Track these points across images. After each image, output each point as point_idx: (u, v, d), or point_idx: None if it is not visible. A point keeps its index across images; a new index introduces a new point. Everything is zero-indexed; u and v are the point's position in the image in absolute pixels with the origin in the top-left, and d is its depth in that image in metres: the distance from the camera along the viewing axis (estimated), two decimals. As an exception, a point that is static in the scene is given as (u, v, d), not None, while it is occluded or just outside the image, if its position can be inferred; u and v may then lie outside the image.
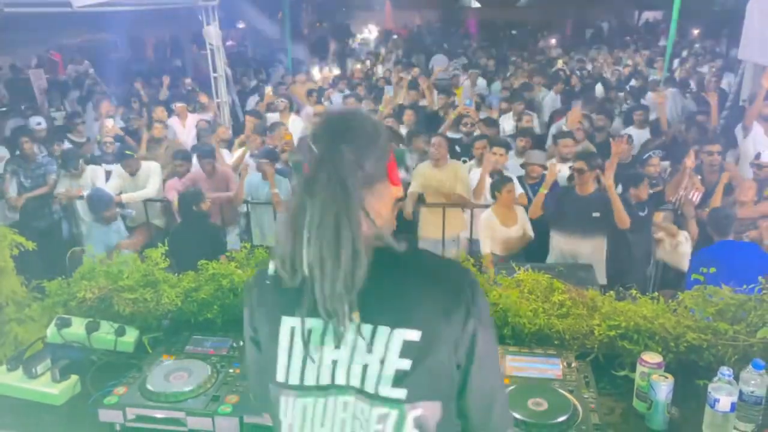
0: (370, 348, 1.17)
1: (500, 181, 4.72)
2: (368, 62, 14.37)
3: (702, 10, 15.85)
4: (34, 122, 7.19)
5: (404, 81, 9.06)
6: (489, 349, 1.26)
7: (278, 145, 6.23)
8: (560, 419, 1.82)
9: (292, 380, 1.22)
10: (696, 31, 16.98)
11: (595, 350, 2.22)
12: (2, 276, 2.51)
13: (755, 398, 1.84)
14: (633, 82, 10.56)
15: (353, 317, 1.15)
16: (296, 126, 7.42)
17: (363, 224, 1.14)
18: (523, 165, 5.41)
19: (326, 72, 12.97)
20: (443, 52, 14.83)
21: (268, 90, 9.71)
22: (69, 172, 5.88)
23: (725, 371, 1.82)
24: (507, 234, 4.66)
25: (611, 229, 4.40)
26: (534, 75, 10.47)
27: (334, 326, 1.16)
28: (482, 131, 6.44)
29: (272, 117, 7.83)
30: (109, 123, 7.37)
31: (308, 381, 1.21)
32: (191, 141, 7.29)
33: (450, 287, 1.22)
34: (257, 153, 5.84)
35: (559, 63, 12.52)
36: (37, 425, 2.07)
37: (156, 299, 2.43)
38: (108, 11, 7.66)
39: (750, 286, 2.17)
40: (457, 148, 6.16)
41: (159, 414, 1.97)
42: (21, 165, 5.99)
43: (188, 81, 10.93)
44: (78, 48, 14.90)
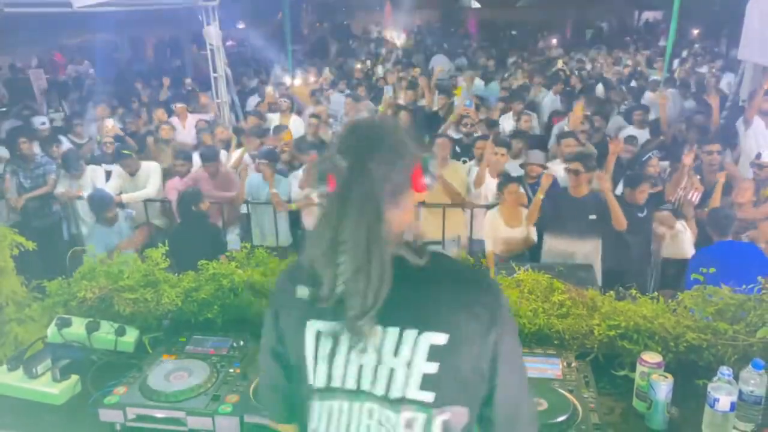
0: (397, 352, 1.17)
1: (504, 182, 4.72)
2: (368, 62, 14.37)
3: (702, 11, 15.83)
4: (38, 122, 7.18)
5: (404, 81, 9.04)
6: (514, 350, 1.26)
7: (278, 146, 6.23)
8: (560, 419, 1.82)
9: (318, 383, 1.22)
10: (696, 32, 16.99)
11: (595, 350, 2.22)
12: (2, 276, 2.51)
13: (755, 398, 1.85)
14: (633, 83, 10.56)
15: (377, 325, 1.15)
16: (297, 126, 7.42)
17: (388, 236, 1.15)
18: (523, 165, 5.41)
19: (326, 72, 12.96)
20: (443, 53, 14.83)
21: (269, 90, 9.71)
22: (69, 173, 5.89)
23: (725, 371, 1.83)
24: (510, 234, 4.64)
25: (608, 231, 4.36)
26: (534, 75, 10.46)
27: (361, 332, 1.16)
28: (483, 132, 6.43)
29: (273, 117, 7.83)
30: (109, 123, 7.38)
31: (335, 383, 1.21)
32: (191, 141, 7.29)
33: (474, 290, 1.23)
34: (257, 154, 5.84)
35: (559, 63, 12.52)
36: (38, 425, 2.07)
37: (156, 299, 2.43)
38: (108, 11, 7.63)
39: (749, 286, 2.17)
40: (457, 149, 6.16)
41: (159, 414, 1.97)
42: (20, 165, 5.99)
43: (188, 81, 10.93)
44: (78, 48, 14.91)
